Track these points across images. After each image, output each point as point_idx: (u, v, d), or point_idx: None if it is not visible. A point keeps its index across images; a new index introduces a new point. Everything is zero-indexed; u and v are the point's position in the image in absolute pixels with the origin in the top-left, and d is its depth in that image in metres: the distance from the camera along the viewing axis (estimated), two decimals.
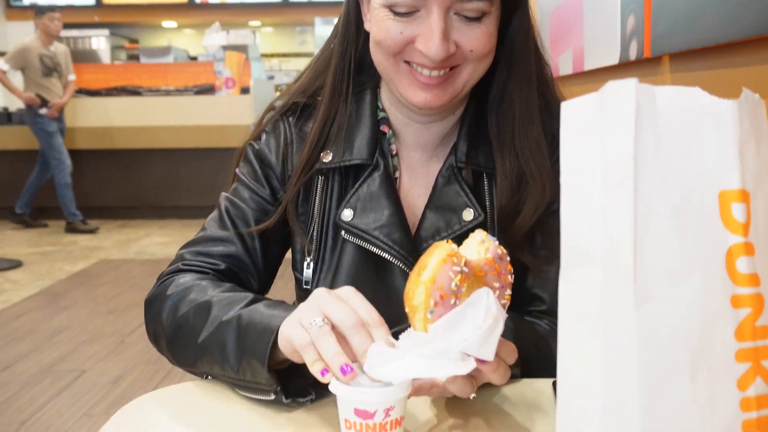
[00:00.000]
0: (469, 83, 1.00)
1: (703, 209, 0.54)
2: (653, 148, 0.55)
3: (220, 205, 1.10)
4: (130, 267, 5.22)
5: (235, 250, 1.05)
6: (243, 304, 0.90)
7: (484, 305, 0.70)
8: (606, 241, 0.55)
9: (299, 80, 1.14)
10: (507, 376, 0.77)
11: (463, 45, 0.95)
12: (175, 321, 0.95)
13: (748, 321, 0.53)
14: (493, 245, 0.76)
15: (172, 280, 1.01)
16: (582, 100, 0.59)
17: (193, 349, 0.92)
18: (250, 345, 0.84)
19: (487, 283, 0.75)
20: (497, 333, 0.70)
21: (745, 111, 0.57)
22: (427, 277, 0.71)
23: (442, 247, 0.72)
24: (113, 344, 3.56)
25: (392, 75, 0.99)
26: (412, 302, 0.72)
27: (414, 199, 1.08)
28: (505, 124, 1.05)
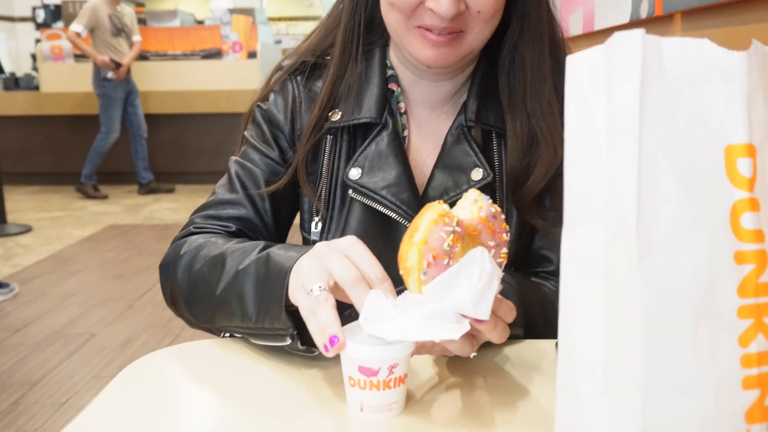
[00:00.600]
0: (477, 45, 0.98)
1: (708, 164, 0.53)
2: (659, 101, 0.54)
3: (229, 169, 1.10)
4: (139, 232, 5.24)
5: (245, 213, 1.05)
6: (256, 252, 0.90)
7: (478, 265, 0.70)
8: (610, 196, 0.54)
9: (309, 39, 1.13)
10: (506, 335, 0.77)
11: (471, 5, 0.93)
12: (191, 278, 0.95)
13: (751, 277, 0.52)
14: (486, 204, 0.75)
15: (185, 241, 1.01)
16: (588, 53, 0.58)
17: (211, 303, 0.92)
18: (267, 289, 0.84)
19: (481, 242, 0.74)
20: (492, 292, 0.70)
21: (754, 63, 0.56)
22: (419, 239, 0.70)
23: (434, 208, 0.72)
24: (122, 308, 3.59)
25: (403, 36, 0.98)
26: (405, 264, 0.72)
27: (422, 158, 1.07)
28: (517, 84, 1.04)
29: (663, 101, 0.54)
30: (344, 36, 1.06)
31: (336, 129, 1.06)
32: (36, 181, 7.13)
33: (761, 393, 0.51)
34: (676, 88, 0.54)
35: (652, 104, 0.53)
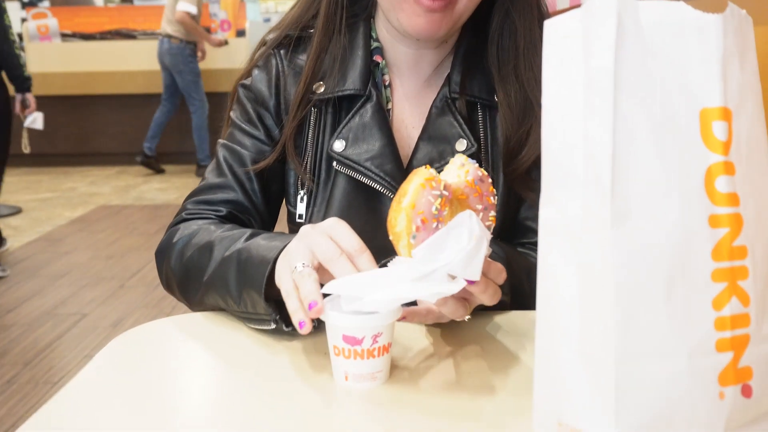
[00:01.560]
0: (466, 13, 0.98)
1: (683, 127, 0.53)
2: (635, 64, 0.53)
3: (217, 153, 1.10)
4: (129, 212, 5.23)
5: (235, 196, 1.06)
6: (242, 240, 0.91)
7: (466, 227, 0.70)
8: (586, 162, 0.54)
9: (292, 11, 1.11)
10: (497, 296, 0.77)
11: None
12: (182, 265, 0.97)
13: (725, 241, 0.52)
14: (473, 168, 0.75)
15: (178, 228, 1.02)
16: (564, 17, 0.58)
17: (200, 289, 0.94)
18: (248, 277, 0.85)
19: (469, 205, 0.75)
20: (482, 253, 0.70)
21: (729, 26, 0.55)
22: (408, 203, 0.71)
23: (421, 173, 0.72)
24: (113, 288, 3.59)
25: (394, 4, 0.97)
26: (395, 229, 0.72)
27: (407, 130, 1.07)
28: (507, 56, 1.04)
29: (639, 64, 0.53)
30: (327, 8, 1.05)
31: (320, 101, 1.05)
32: (25, 162, 7.09)
33: (734, 355, 0.52)
34: (652, 51, 0.54)
35: (627, 68, 0.53)
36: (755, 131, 0.57)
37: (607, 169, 0.52)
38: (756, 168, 0.56)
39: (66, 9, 7.87)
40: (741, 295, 0.52)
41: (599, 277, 0.53)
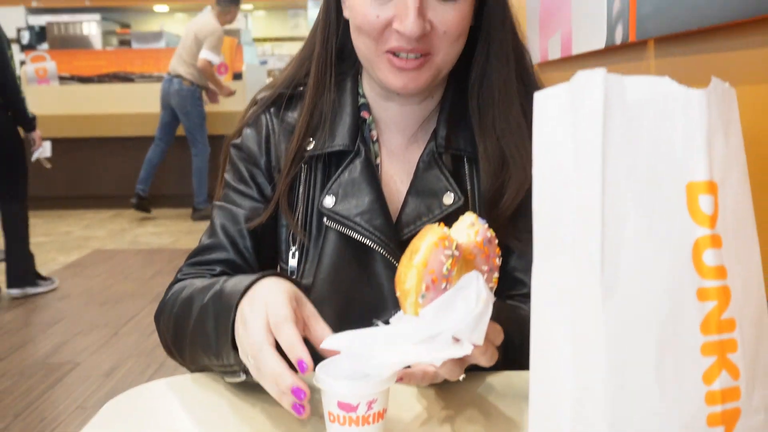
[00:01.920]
0: (444, 67, 1.00)
1: (670, 200, 0.54)
2: (622, 138, 0.54)
3: (212, 215, 1.11)
4: (125, 257, 5.21)
5: (227, 255, 1.07)
6: (218, 285, 0.91)
7: (474, 289, 0.70)
8: (576, 231, 0.55)
9: (284, 71, 1.14)
10: (495, 357, 0.77)
11: (437, 25, 0.95)
12: (171, 322, 0.99)
13: (713, 314, 0.52)
14: (482, 228, 0.76)
15: (171, 290, 1.04)
16: (554, 90, 0.59)
17: (189, 343, 0.94)
18: (221, 326, 0.86)
19: (476, 266, 0.75)
20: (487, 317, 0.71)
21: (713, 100, 0.57)
22: (419, 261, 0.71)
23: (434, 231, 0.72)
24: (107, 336, 3.56)
25: (372, 62, 0.99)
26: (404, 286, 0.72)
27: (395, 185, 1.08)
28: (486, 108, 1.05)
29: (626, 139, 0.54)
30: (317, 66, 1.07)
31: (311, 158, 1.07)
32: None
33: (725, 430, 0.52)
34: (638, 126, 0.55)
35: (615, 142, 0.54)
36: (741, 202, 0.58)
37: (596, 242, 0.53)
38: (742, 239, 0.57)
39: (65, 52, 7.97)
40: (731, 369, 0.53)
41: (591, 351, 0.53)
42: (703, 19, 1.10)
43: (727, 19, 1.02)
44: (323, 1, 1.08)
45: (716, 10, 1.06)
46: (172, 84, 6.12)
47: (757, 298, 0.58)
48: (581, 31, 1.92)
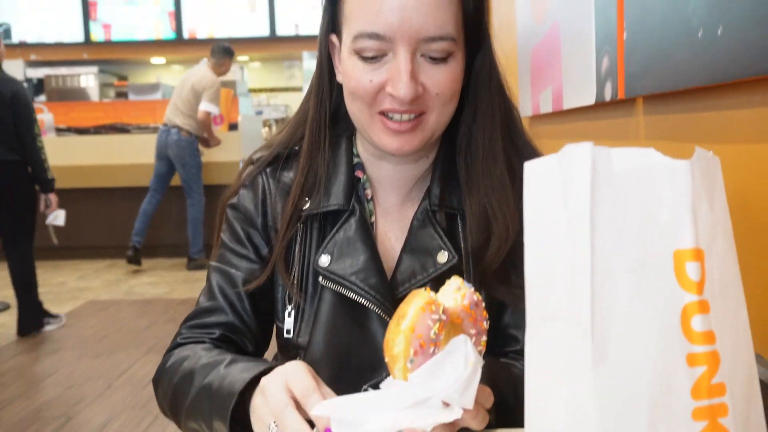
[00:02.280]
0: (438, 128, 1.02)
1: (658, 267, 0.56)
2: (609, 208, 0.56)
3: (209, 277, 1.13)
4: (119, 308, 5.19)
5: (226, 318, 1.08)
6: (222, 367, 0.94)
7: (462, 353, 0.71)
8: (567, 298, 0.57)
9: (280, 134, 1.16)
10: (486, 421, 0.78)
11: (429, 88, 0.97)
12: (172, 389, 1.00)
13: (703, 379, 0.54)
14: (469, 292, 0.77)
15: (171, 354, 1.06)
16: (543, 161, 0.61)
17: (184, 416, 0.97)
18: (216, 408, 0.88)
19: (463, 329, 0.76)
20: (476, 380, 0.71)
21: (698, 170, 0.59)
22: (407, 326, 0.71)
23: (421, 295, 0.73)
24: (100, 389, 3.52)
25: (366, 125, 1.01)
26: (392, 351, 0.73)
27: (390, 243, 1.10)
28: (473, 165, 1.07)
29: (613, 208, 0.56)
30: (311, 130, 1.09)
31: (306, 217, 1.08)
32: None
33: None
34: (625, 196, 0.57)
35: (603, 212, 0.56)
36: (727, 268, 0.60)
37: (587, 309, 0.54)
38: (730, 304, 0.59)
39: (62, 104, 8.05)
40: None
41: (583, 414, 0.54)
42: (689, 80, 1.14)
43: (713, 81, 1.06)
44: (317, 66, 1.10)
45: (701, 73, 1.09)
46: (169, 135, 6.17)
47: (746, 361, 0.59)
48: (572, 87, 1.96)
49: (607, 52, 1.61)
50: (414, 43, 0.94)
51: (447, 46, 0.95)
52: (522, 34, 2.68)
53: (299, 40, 10.77)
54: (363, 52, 0.96)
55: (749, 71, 0.95)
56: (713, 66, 1.05)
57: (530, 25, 2.55)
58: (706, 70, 1.08)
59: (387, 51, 0.95)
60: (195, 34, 10.76)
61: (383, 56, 0.96)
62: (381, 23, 0.93)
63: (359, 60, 0.97)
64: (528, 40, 2.60)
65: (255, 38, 10.77)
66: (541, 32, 2.38)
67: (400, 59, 0.94)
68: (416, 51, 0.95)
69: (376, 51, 0.95)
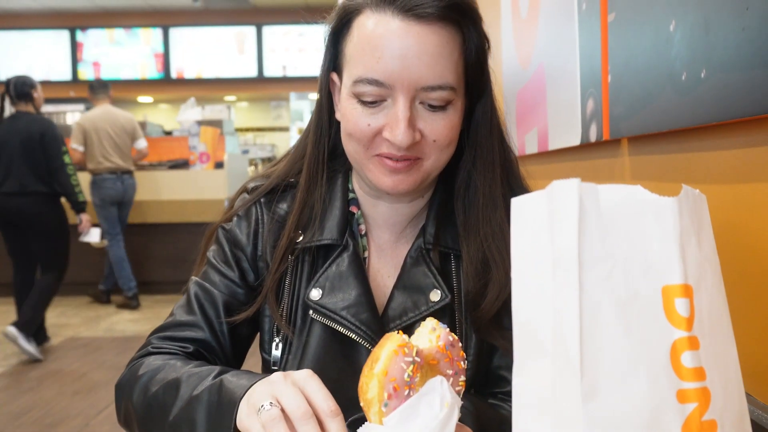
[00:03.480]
0: (434, 171, 1.02)
1: (647, 304, 0.56)
2: (597, 243, 0.57)
3: (189, 290, 1.11)
4: (99, 345, 5.11)
5: (203, 335, 1.06)
6: (210, 378, 0.90)
7: (438, 394, 0.70)
8: (555, 335, 0.56)
9: (277, 166, 1.16)
10: None
11: (426, 134, 0.97)
12: (145, 401, 0.96)
13: (694, 416, 0.53)
14: (444, 333, 0.77)
15: (142, 362, 1.01)
16: (531, 197, 0.61)
17: (164, 428, 0.92)
18: (218, 418, 0.84)
19: (440, 370, 0.75)
20: (453, 421, 0.70)
21: (685, 207, 0.59)
22: (380, 370, 0.71)
23: (393, 338, 0.73)
24: (78, 427, 3.45)
25: (362, 165, 1.02)
26: (366, 396, 0.72)
27: (383, 280, 1.09)
28: (471, 210, 1.07)
29: (601, 244, 0.57)
30: (309, 166, 1.10)
31: (299, 250, 1.08)
32: None
33: None
34: (612, 231, 0.57)
35: (590, 247, 0.56)
36: (716, 304, 0.60)
37: (575, 346, 0.54)
38: (719, 341, 0.59)
39: None
40: None
41: None
42: (674, 122, 1.15)
43: (697, 123, 1.07)
44: (316, 102, 1.11)
45: (685, 115, 1.11)
46: (124, 180, 6.26)
47: (737, 398, 0.59)
48: (557, 128, 1.99)
49: (591, 95, 1.63)
50: (413, 91, 0.95)
51: (446, 95, 0.96)
52: (507, 78, 2.71)
53: (286, 81, 10.86)
54: (362, 97, 0.97)
55: (733, 113, 0.97)
56: (697, 108, 1.07)
57: (516, 70, 2.59)
58: (690, 112, 1.09)
59: (386, 97, 0.96)
60: (183, 74, 10.83)
61: (382, 101, 0.96)
62: (381, 70, 0.94)
63: (358, 103, 0.98)
64: (513, 84, 2.63)
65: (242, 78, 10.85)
66: (527, 76, 2.41)
67: (398, 106, 0.95)
68: (415, 98, 0.96)
69: (375, 96, 0.96)
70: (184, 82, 10.88)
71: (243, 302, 1.09)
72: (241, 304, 1.09)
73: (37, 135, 4.71)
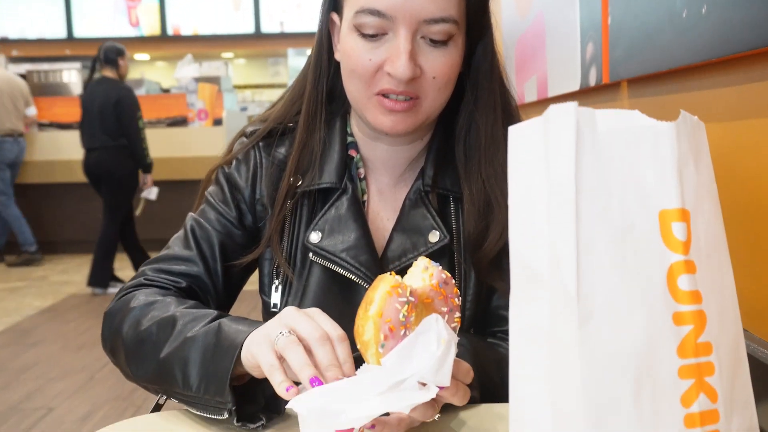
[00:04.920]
0: (432, 113, 1.02)
1: (644, 228, 0.56)
2: (594, 170, 0.56)
3: (186, 224, 1.11)
4: (101, 301, 5.14)
5: (197, 271, 1.06)
6: (207, 320, 0.91)
7: (434, 332, 0.70)
8: (551, 263, 0.56)
9: (274, 108, 1.15)
10: (467, 396, 0.78)
11: (426, 71, 0.97)
12: (137, 335, 0.95)
13: (690, 338, 0.53)
14: (437, 271, 0.77)
15: (134, 295, 1.01)
16: (527, 124, 0.61)
17: (153, 364, 0.92)
18: (214, 361, 0.85)
19: (434, 308, 0.75)
20: (451, 358, 0.71)
21: (683, 132, 0.59)
22: (375, 312, 0.71)
23: (386, 280, 0.73)
24: (83, 380, 3.49)
25: (362, 103, 1.01)
26: (362, 338, 0.72)
27: (382, 222, 1.10)
28: (472, 152, 1.07)
29: (598, 171, 0.56)
30: (308, 106, 1.09)
31: (298, 194, 1.08)
32: None
33: None
34: (610, 157, 0.56)
35: (587, 174, 0.56)
36: (714, 231, 0.59)
37: (571, 273, 0.54)
38: (716, 265, 0.59)
39: (44, 99, 7.95)
40: (709, 392, 0.54)
41: (568, 378, 0.53)
42: (672, 61, 1.14)
43: (697, 60, 1.06)
44: (315, 43, 1.10)
45: (686, 53, 1.09)
46: (19, 143, 6.43)
47: (733, 324, 0.59)
48: (556, 74, 1.97)
49: (591, 39, 1.61)
50: (415, 23, 0.94)
51: (448, 28, 0.95)
52: (507, 28, 2.68)
53: (284, 37, 10.73)
54: (363, 29, 0.96)
55: (734, 48, 0.96)
56: (698, 45, 1.05)
57: (515, 20, 2.56)
58: (690, 50, 1.08)
59: (387, 30, 0.95)
60: (179, 30, 10.69)
61: (383, 35, 0.96)
62: (383, 0, 0.93)
63: (359, 37, 0.97)
64: (512, 34, 2.60)
65: (240, 35, 10.71)
66: (525, 24, 2.38)
67: (400, 39, 0.94)
68: (417, 32, 0.95)
69: (376, 29, 0.95)
70: (181, 39, 10.74)
71: (239, 244, 1.10)
72: (237, 245, 1.09)
73: (113, 100, 5.11)
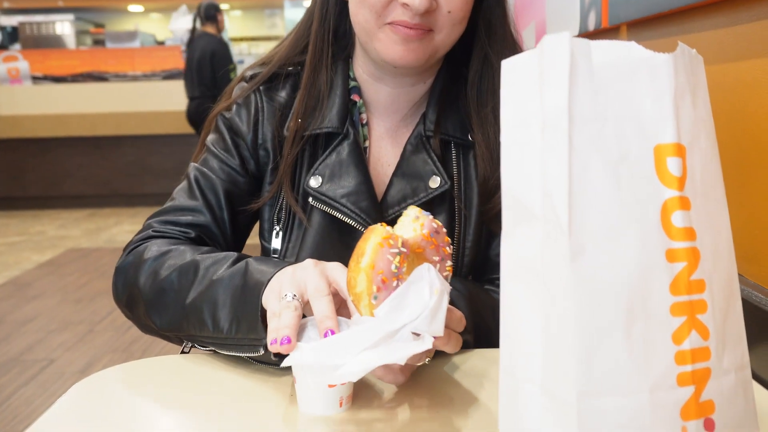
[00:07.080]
0: (443, 48, 1.00)
1: (638, 163, 0.54)
2: (589, 101, 0.54)
3: (189, 174, 1.09)
4: (100, 255, 5.16)
5: (204, 220, 1.05)
6: (230, 262, 0.90)
7: (426, 282, 0.70)
8: (543, 197, 0.55)
9: (280, 47, 1.13)
10: (459, 344, 0.77)
11: (442, 4, 0.95)
12: (156, 284, 0.94)
13: (682, 275, 0.52)
14: (427, 220, 0.76)
15: (146, 246, 0.99)
16: (521, 56, 0.59)
17: (179, 311, 0.91)
18: (244, 300, 0.85)
19: (426, 258, 0.75)
20: (444, 307, 0.70)
21: (680, 65, 0.57)
22: (366, 263, 0.70)
23: (377, 231, 0.72)
24: (82, 333, 3.52)
25: (372, 35, 0.98)
26: (355, 290, 0.71)
27: (382, 168, 1.08)
28: (486, 97, 1.06)
29: (592, 102, 0.54)
30: (315, 43, 1.07)
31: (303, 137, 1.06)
32: None
33: (696, 389, 0.52)
34: (605, 89, 0.55)
35: (581, 105, 0.54)
36: (709, 166, 0.58)
37: (564, 206, 0.53)
38: (711, 203, 0.57)
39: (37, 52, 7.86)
40: (700, 329, 0.53)
41: (560, 313, 0.53)
42: (672, 1, 1.11)
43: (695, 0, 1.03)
44: None
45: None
46: None
47: (727, 262, 0.58)
48: (555, 20, 1.93)
49: None
50: None
51: None
52: None
53: None
54: None
55: None
56: None
57: None
58: None
59: None
60: None
61: None
62: None
63: None
64: None
65: None
66: None
67: None
68: None
69: None
70: None
71: (244, 190, 1.08)
72: (242, 192, 1.08)
73: (208, 54, 5.47)
